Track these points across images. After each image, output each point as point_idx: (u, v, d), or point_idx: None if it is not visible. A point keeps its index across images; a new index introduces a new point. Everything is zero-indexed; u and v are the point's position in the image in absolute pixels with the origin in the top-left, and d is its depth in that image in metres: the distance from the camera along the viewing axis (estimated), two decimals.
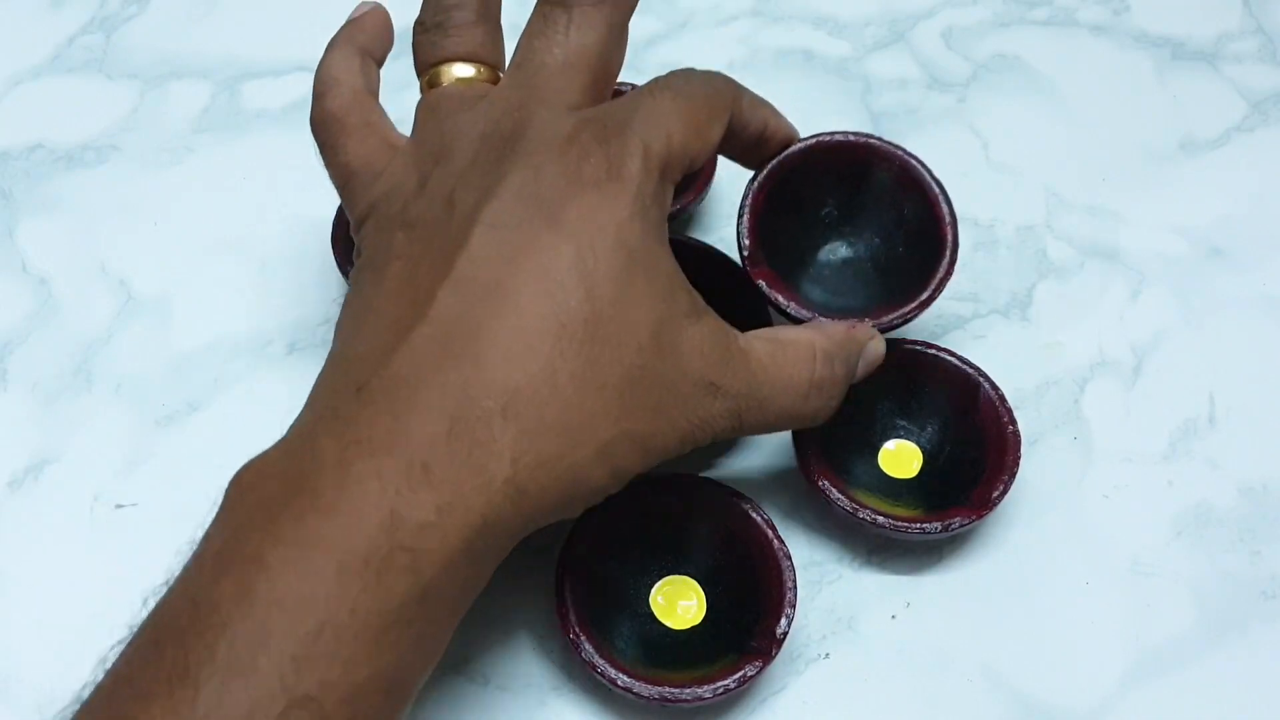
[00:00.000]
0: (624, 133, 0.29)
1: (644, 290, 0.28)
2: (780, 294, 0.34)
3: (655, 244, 0.29)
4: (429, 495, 0.24)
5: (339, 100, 0.33)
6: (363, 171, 0.31)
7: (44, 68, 0.49)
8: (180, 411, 0.38)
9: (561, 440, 0.26)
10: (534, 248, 0.27)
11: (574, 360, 0.26)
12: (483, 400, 0.25)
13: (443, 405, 0.25)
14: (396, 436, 0.25)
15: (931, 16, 0.52)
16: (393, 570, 0.24)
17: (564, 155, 0.28)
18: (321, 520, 0.24)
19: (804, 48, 0.50)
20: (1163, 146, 0.47)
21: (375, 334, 0.27)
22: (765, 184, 0.35)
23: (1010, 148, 0.47)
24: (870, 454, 0.36)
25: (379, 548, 0.24)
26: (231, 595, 0.23)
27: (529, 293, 0.26)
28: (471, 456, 0.25)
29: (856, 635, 0.34)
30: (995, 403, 0.35)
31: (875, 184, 0.37)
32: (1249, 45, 0.51)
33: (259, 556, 0.23)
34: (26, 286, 0.41)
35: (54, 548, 0.35)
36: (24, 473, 0.37)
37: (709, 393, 0.29)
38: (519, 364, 0.26)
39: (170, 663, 0.23)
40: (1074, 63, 0.50)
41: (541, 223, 0.27)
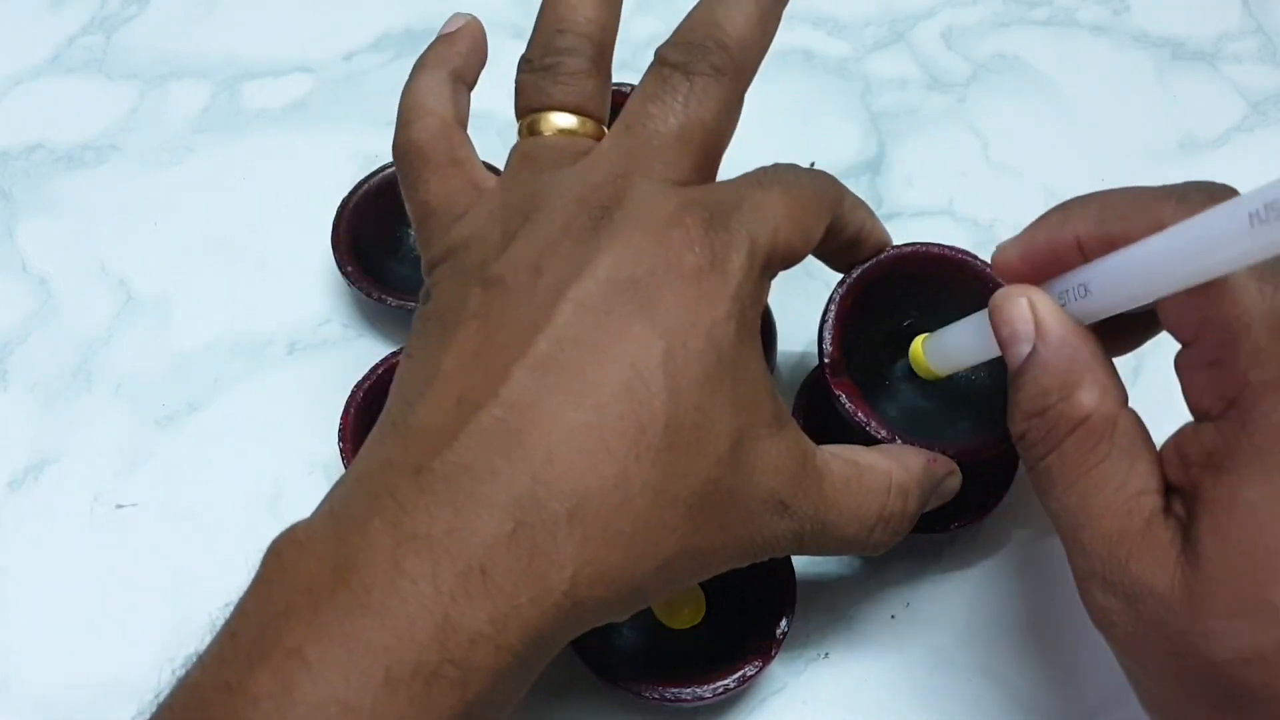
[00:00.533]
0: (730, 222, 0.26)
1: (730, 397, 0.26)
2: (861, 411, 0.32)
3: (748, 347, 0.27)
4: (485, 605, 0.23)
5: (426, 131, 0.30)
6: (443, 212, 0.29)
7: (44, 68, 0.49)
8: (180, 411, 0.38)
9: (626, 554, 0.24)
10: (623, 337, 0.25)
11: (649, 468, 0.24)
12: (550, 503, 0.23)
13: (507, 504, 0.23)
14: (456, 536, 0.23)
15: (931, 16, 0.52)
16: (441, 684, 0.22)
17: (665, 238, 0.26)
18: (370, 621, 0.22)
19: (804, 48, 0.50)
20: (1163, 146, 0.47)
21: (440, 405, 0.25)
22: (854, 289, 0.33)
23: (1010, 148, 0.47)
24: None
25: (429, 659, 0.22)
26: (270, 691, 0.22)
27: (612, 387, 0.24)
28: (533, 565, 0.23)
29: (856, 635, 0.34)
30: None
31: (961, 299, 0.34)
32: (1249, 45, 0.51)
33: (300, 651, 0.22)
34: (26, 286, 0.41)
35: (54, 548, 0.35)
36: (24, 473, 0.37)
37: (778, 511, 0.27)
38: (592, 466, 0.24)
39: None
40: (1074, 63, 0.50)
41: (634, 310, 0.25)
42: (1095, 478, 0.25)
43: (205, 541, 0.35)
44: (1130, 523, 0.25)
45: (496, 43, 0.49)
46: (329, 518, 0.24)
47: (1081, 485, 0.25)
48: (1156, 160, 0.46)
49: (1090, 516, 0.25)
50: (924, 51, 0.50)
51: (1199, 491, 0.24)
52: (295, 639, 0.22)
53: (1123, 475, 0.25)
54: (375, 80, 0.48)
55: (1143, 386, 0.39)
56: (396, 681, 0.22)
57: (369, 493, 0.24)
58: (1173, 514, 0.25)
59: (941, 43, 0.51)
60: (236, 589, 0.35)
